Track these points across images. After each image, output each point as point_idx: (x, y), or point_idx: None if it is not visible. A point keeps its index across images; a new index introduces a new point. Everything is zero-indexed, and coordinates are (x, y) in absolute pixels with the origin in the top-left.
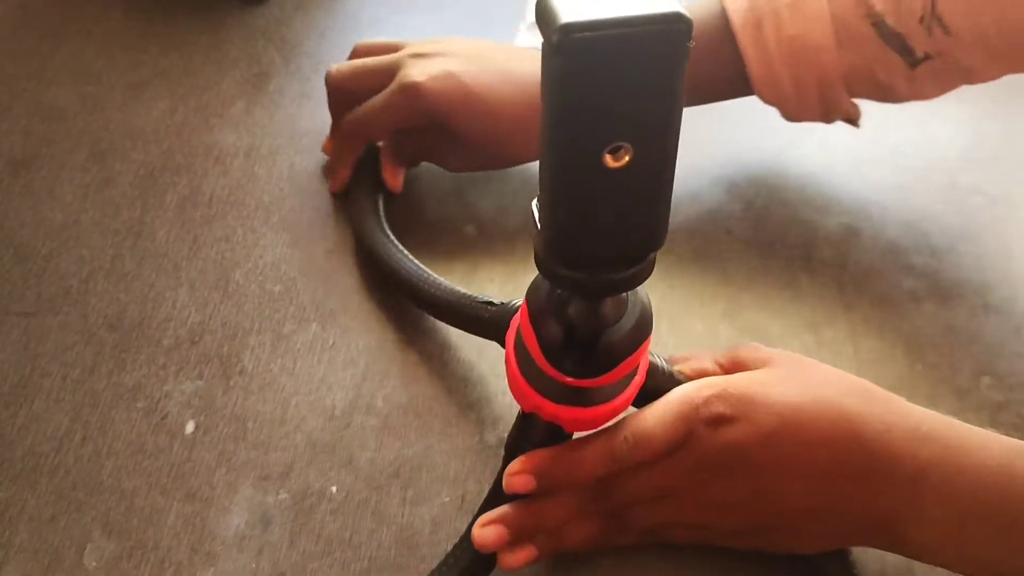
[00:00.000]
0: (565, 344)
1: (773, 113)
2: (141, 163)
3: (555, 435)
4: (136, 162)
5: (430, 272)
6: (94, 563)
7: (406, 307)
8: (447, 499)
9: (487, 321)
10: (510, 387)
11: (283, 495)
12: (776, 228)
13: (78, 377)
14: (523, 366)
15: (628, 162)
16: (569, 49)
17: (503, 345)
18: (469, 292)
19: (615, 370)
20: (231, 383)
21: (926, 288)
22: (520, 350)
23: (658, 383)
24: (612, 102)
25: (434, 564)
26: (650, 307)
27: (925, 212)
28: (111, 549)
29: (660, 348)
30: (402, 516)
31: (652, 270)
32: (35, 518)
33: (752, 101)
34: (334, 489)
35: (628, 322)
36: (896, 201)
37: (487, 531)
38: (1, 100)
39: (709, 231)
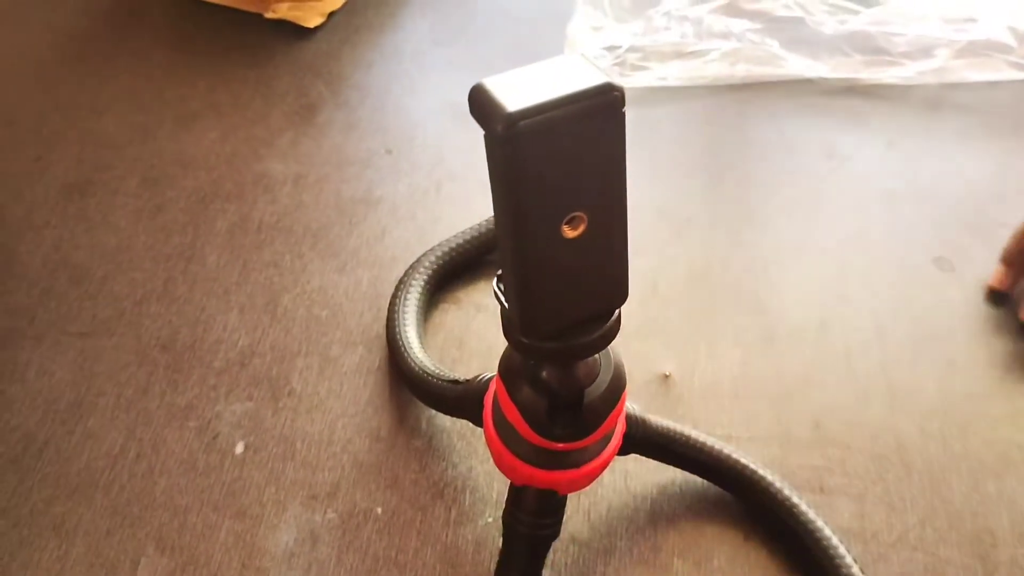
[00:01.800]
0: (551, 412)
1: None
2: (192, 190)
3: (550, 500)
4: (187, 189)
5: (414, 344)
6: None
7: (448, 332)
8: (490, 519)
9: (453, 400)
10: (497, 464)
11: (331, 514)
12: None
13: (132, 396)
14: (508, 441)
15: (584, 230)
16: (516, 137)
17: (473, 422)
18: (437, 369)
19: (603, 426)
20: (280, 404)
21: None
22: (502, 426)
23: (640, 431)
24: (561, 177)
25: None
26: (621, 360)
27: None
28: (164, 564)
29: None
30: (446, 536)
31: (619, 327)
32: (91, 532)
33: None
34: (379, 510)
35: (605, 378)
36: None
37: None
38: (55, 128)
39: None
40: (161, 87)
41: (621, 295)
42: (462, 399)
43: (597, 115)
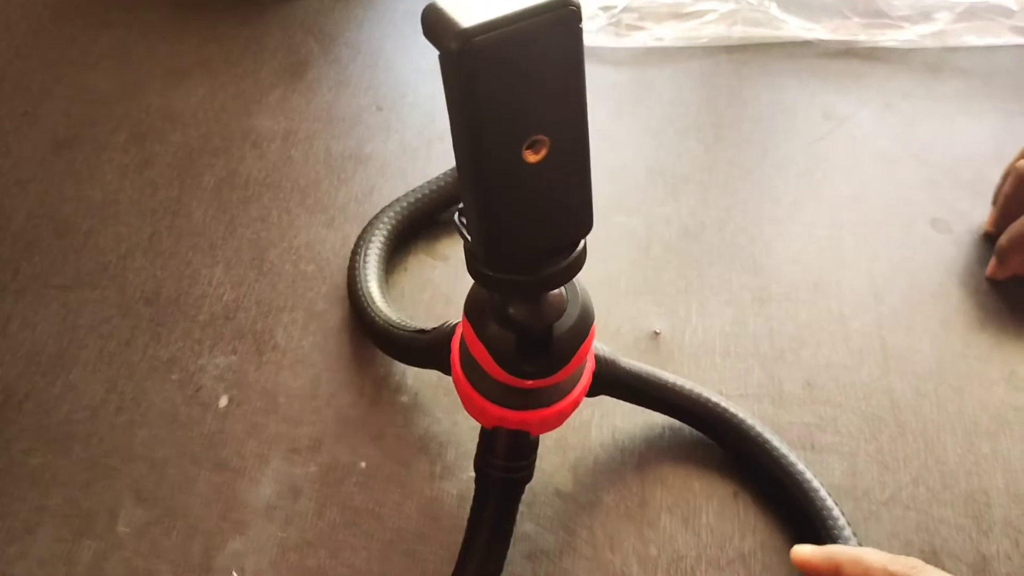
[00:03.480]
0: (519, 349)
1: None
2: (180, 145)
3: (522, 442)
4: (175, 144)
5: (376, 296)
6: (125, 528)
7: (436, 287)
8: (472, 474)
9: (420, 349)
10: (467, 408)
11: (312, 468)
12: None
13: (114, 349)
14: (477, 383)
15: (546, 154)
16: (471, 54)
17: (443, 371)
18: (402, 321)
19: (572, 361)
20: (264, 358)
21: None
22: (470, 368)
23: (608, 370)
24: (521, 98)
25: (457, 536)
26: (588, 294)
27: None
28: (142, 515)
29: None
30: (428, 490)
31: (585, 257)
32: (68, 483)
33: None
34: (363, 464)
35: (573, 312)
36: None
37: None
38: (44, 83)
39: None
40: (151, 43)
41: (587, 224)
42: (429, 348)
43: (555, 29)
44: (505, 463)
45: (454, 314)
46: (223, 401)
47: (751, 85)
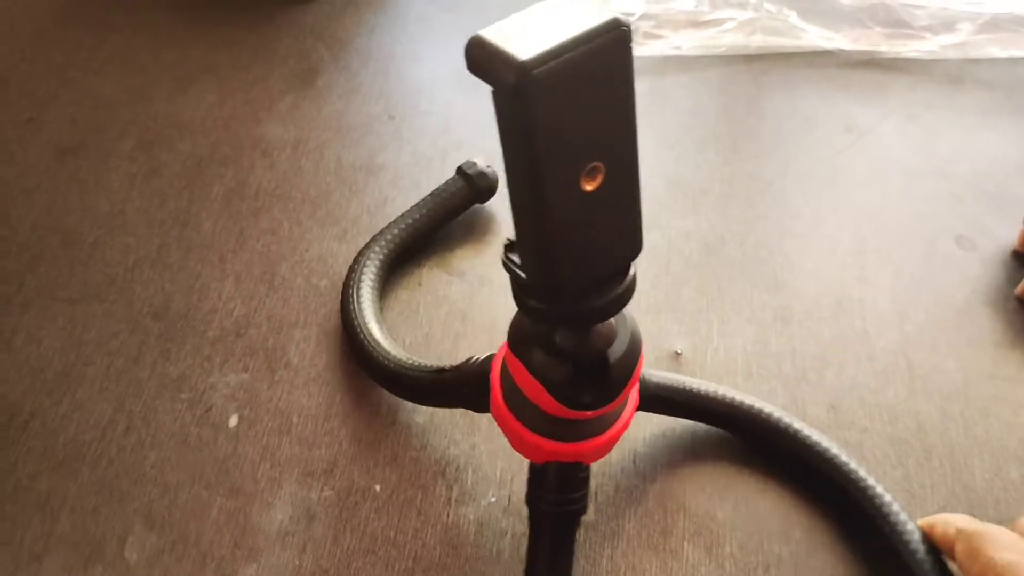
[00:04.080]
0: (576, 380)
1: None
2: (188, 154)
3: (576, 473)
4: (183, 153)
5: (379, 336)
6: (135, 555)
7: (453, 303)
8: (493, 499)
9: (443, 389)
10: (515, 446)
11: (327, 492)
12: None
13: (122, 366)
14: (527, 419)
15: (602, 180)
16: (531, 87)
17: (473, 408)
18: (412, 360)
19: (628, 386)
20: (276, 377)
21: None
22: (517, 405)
23: (652, 389)
24: (579, 125)
25: (479, 565)
26: (633, 317)
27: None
28: (153, 542)
29: None
30: (447, 516)
31: (636, 283)
32: (76, 509)
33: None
34: (378, 487)
35: (624, 336)
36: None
37: None
38: (49, 88)
39: None
40: (158, 48)
41: (637, 246)
42: (458, 386)
43: (609, 53)
44: (559, 496)
45: (471, 332)
46: (233, 421)
47: (770, 95)
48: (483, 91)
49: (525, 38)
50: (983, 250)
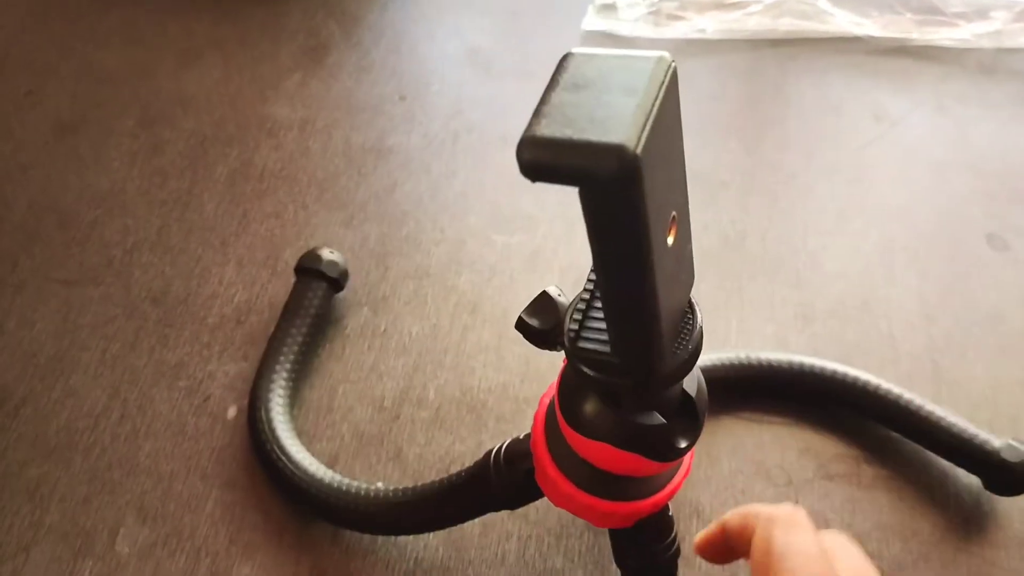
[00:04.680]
0: (672, 431)
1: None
2: (191, 132)
3: (665, 520)
4: (186, 131)
5: (321, 470)
6: (127, 548)
7: (462, 294)
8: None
9: (481, 494)
10: (597, 523)
11: None
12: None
13: (118, 352)
14: (617, 494)
15: (676, 229)
16: (636, 168)
17: (510, 507)
18: (387, 485)
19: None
20: None
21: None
22: (596, 484)
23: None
24: (665, 183)
25: (482, 568)
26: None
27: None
28: (145, 535)
29: None
30: None
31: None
32: (67, 498)
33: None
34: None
35: (693, 366)
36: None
37: None
38: (49, 60)
39: None
40: (163, 21)
41: (693, 274)
42: (494, 488)
43: (672, 95)
44: (656, 546)
45: (480, 322)
46: (232, 411)
47: (796, 81)
48: (496, 72)
49: (592, 118)
50: (1016, 251)
